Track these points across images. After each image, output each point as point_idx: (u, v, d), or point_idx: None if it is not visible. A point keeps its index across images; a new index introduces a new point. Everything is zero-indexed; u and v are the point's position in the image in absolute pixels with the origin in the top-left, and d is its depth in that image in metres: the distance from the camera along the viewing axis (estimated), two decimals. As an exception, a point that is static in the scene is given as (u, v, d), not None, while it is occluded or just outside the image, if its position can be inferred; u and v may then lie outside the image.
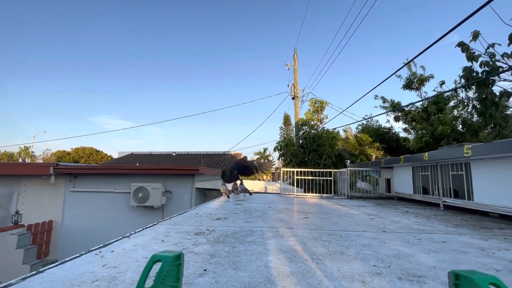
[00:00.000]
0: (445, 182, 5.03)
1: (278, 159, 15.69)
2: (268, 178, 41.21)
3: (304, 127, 13.98)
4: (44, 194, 8.07)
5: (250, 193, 7.19)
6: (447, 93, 8.35)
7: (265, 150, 44.84)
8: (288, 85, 17.90)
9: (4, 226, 6.88)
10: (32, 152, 40.12)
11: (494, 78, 5.54)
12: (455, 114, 8.95)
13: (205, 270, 1.74)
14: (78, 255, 1.92)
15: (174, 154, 20.64)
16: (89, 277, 1.55)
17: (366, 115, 10.79)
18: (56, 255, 7.70)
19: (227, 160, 18.42)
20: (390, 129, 10.47)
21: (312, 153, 11.94)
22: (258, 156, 45.22)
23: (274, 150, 13.59)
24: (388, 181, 7.25)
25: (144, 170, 8.06)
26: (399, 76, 9.94)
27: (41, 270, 1.59)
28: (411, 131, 10.28)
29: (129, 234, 2.60)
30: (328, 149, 11.72)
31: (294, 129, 20.16)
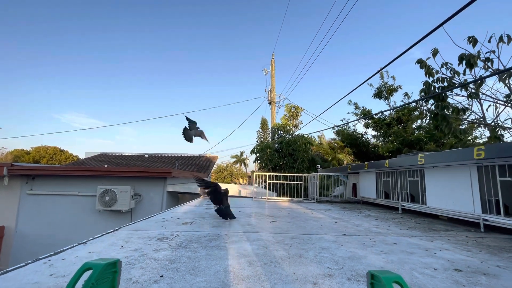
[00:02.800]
0: (403, 187, 5.41)
1: (254, 162, 15.80)
2: (244, 181, 41.21)
3: (280, 132, 14.25)
4: (-4, 197, 7.39)
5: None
6: (412, 104, 9.01)
7: (241, 153, 44.83)
8: (265, 90, 18.20)
9: None
10: (-15, 150, 36.42)
11: (448, 93, 6.10)
12: (421, 124, 9.70)
13: (161, 276, 1.72)
14: (23, 264, 1.81)
15: (146, 155, 19.91)
16: (32, 287, 1.47)
17: (343, 119, 11.27)
18: (7, 265, 7.05)
19: (202, 163, 18.16)
20: (363, 134, 11.04)
21: (287, 157, 12.18)
22: (234, 159, 45.09)
23: (251, 153, 13.67)
24: (355, 186, 7.62)
25: (112, 172, 7.70)
26: (371, 85, 10.56)
27: (-23, 281, 1.48)
28: (380, 138, 10.92)
29: (85, 240, 2.49)
30: (302, 153, 12.04)
31: (270, 133, 20.47)
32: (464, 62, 5.56)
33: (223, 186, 9.07)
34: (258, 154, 13.05)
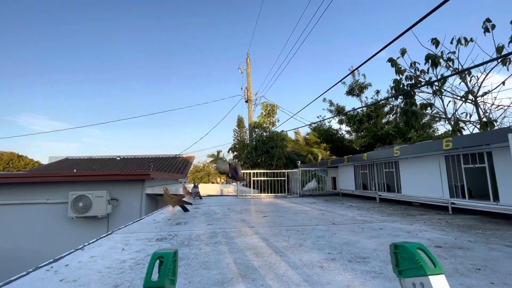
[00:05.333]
0: (380, 178, 5.85)
1: (233, 160, 15.78)
2: (222, 180, 40.99)
3: (256, 130, 14.42)
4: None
5: (201, 197, 7.17)
6: (382, 101, 9.67)
7: (218, 152, 44.50)
8: (241, 88, 18.26)
9: None
10: None
11: (415, 90, 6.68)
12: (388, 119, 10.45)
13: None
14: (25, 273, 1.72)
15: (118, 158, 18.94)
16: (46, 293, 1.43)
17: (320, 116, 11.70)
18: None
19: (179, 163, 17.74)
20: (337, 130, 11.58)
21: (264, 154, 12.40)
22: (211, 158, 44.63)
23: (228, 151, 13.70)
24: (334, 179, 8.03)
25: (86, 176, 7.28)
26: (344, 83, 11.12)
27: (-16, 292, 1.40)
28: (353, 133, 11.57)
29: (82, 246, 2.40)
30: (279, 150, 12.32)
31: (247, 131, 20.55)
32: (430, 61, 6.14)
33: (202, 185, 8.97)
34: (236, 153, 13.12)
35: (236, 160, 13.61)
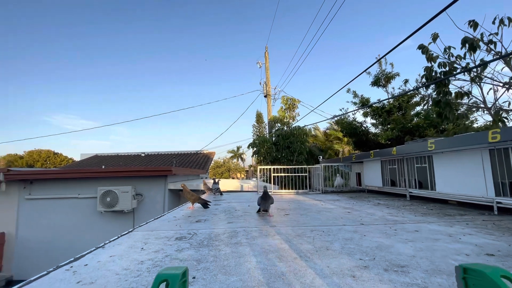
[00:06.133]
0: (410, 174, 5.42)
1: (252, 156, 15.73)
2: (242, 176, 41.22)
3: (277, 125, 14.16)
4: (-7, 203, 7.17)
5: (221, 193, 7.13)
6: (411, 91, 9.01)
7: (238, 148, 44.71)
8: (260, 83, 18.00)
9: None
10: (-24, 156, 35.43)
11: (450, 78, 6.08)
12: (417, 110, 9.73)
13: (193, 277, 1.65)
14: (45, 272, 1.71)
15: (143, 154, 19.63)
16: (62, 297, 1.38)
17: (342, 109, 11.21)
18: (10, 271, 6.89)
19: (200, 159, 18.01)
20: (362, 123, 11.00)
21: (285, 150, 12.14)
22: (231, 154, 44.96)
23: (248, 147, 13.58)
24: (359, 175, 7.63)
25: (112, 172, 7.53)
26: (369, 73, 10.49)
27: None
28: (378, 126, 10.93)
29: (103, 244, 2.39)
30: (300, 145, 12.00)
31: (267, 126, 20.35)
32: (467, 45, 5.53)
33: (222, 181, 8.96)
34: (256, 148, 12.98)
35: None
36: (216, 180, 7.57)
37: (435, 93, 6.47)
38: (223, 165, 42.20)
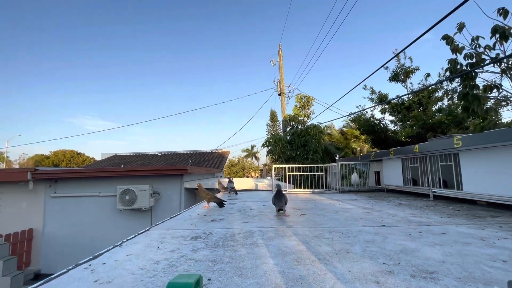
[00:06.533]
0: (434, 173, 5.13)
1: (267, 155, 15.63)
2: (256, 175, 41.27)
3: (291, 123, 13.98)
4: (23, 201, 7.58)
5: (236, 192, 7.11)
6: (433, 86, 8.56)
7: (252, 147, 44.77)
8: (274, 81, 17.84)
9: (-21, 237, 6.39)
10: (7, 157, 37.84)
11: (477, 70, 5.70)
12: (440, 106, 9.24)
13: (209, 279, 1.61)
14: (65, 270, 1.73)
15: (160, 154, 20.09)
16: (80, 296, 1.38)
17: (359, 105, 10.85)
18: (38, 265, 7.26)
19: (215, 158, 18.16)
20: (380, 120, 10.59)
21: (300, 148, 11.96)
22: (245, 153, 45.07)
23: (263, 146, 13.49)
24: (378, 174, 7.36)
25: (130, 171, 7.73)
26: (387, 68, 10.08)
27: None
28: (397, 123, 10.51)
29: (120, 242, 2.42)
30: (315, 144, 11.77)
31: (281, 125, 20.16)
32: (497, 34, 5.15)
33: (237, 180, 8.93)
34: (270, 147, 12.88)
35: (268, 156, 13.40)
36: (231, 179, 7.57)
37: (460, 87, 6.09)
38: (237, 164, 42.43)
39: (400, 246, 2.23)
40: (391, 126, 10.94)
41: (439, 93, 9.16)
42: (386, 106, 10.38)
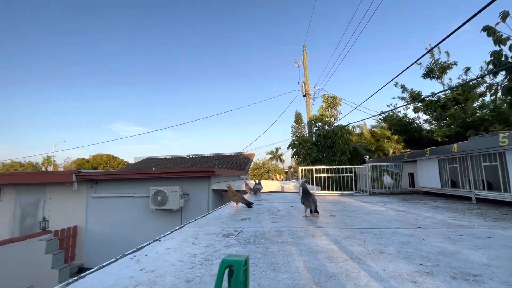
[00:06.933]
0: (476, 174, 4.76)
1: (292, 157, 15.51)
2: (282, 177, 41.05)
3: (317, 124, 13.77)
4: (68, 200, 8.33)
5: (259, 194, 7.16)
6: (474, 81, 7.94)
7: (277, 149, 44.66)
8: (298, 82, 17.72)
9: (33, 232, 7.13)
10: (54, 161, 41.77)
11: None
12: (481, 102, 8.52)
13: (243, 272, 1.68)
14: (114, 259, 1.91)
15: (188, 157, 20.84)
16: (129, 282, 1.53)
17: (390, 104, 10.34)
18: (81, 260, 7.91)
19: (240, 161, 18.42)
20: (414, 119, 10.01)
21: (326, 150, 11.72)
22: (270, 155, 45.10)
23: (288, 148, 13.43)
24: (412, 175, 6.98)
25: (161, 173, 8.15)
26: (420, 64, 9.54)
27: (82, 275, 1.58)
28: (433, 122, 9.86)
29: (158, 237, 2.59)
30: (343, 145, 11.47)
31: (306, 126, 19.89)
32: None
33: (262, 182, 9.03)
34: (295, 149, 12.77)
35: (295, 157, 13.29)
36: (259, 180, 7.67)
37: (506, 81, 5.60)
38: (262, 166, 42.57)
39: (438, 248, 2.13)
40: (426, 126, 10.30)
41: (481, 88, 8.45)
42: (419, 104, 9.81)
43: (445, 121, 9.15)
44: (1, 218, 8.43)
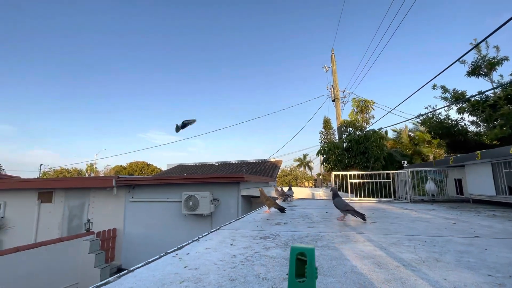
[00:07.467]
0: (541, 179, 4.19)
1: (321, 164, 15.08)
2: (310, 184, 40.07)
3: (348, 129, 13.28)
4: (109, 204, 8.89)
5: (290, 200, 7.02)
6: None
7: (305, 156, 43.86)
8: (327, 87, 17.37)
9: (79, 233, 7.71)
10: (96, 168, 45.31)
11: None
12: None
13: (287, 274, 1.61)
14: (158, 256, 1.97)
15: (217, 164, 21.29)
16: (175, 277, 1.55)
17: (429, 106, 9.63)
18: (119, 260, 8.34)
19: (268, 167, 18.34)
20: (458, 121, 9.18)
21: (358, 156, 11.21)
22: (298, 162, 44.38)
23: (317, 154, 13.10)
24: (459, 182, 6.35)
25: (193, 179, 8.38)
26: (463, 62, 8.79)
27: (131, 269, 1.64)
28: (481, 123, 8.96)
29: (197, 238, 2.63)
30: (376, 151, 10.89)
31: (335, 132, 19.30)
32: None
33: (294, 189, 8.86)
34: (325, 155, 12.40)
35: (324, 164, 12.91)
36: (291, 185, 7.55)
37: None
38: (290, 173, 42.00)
39: (507, 259, 1.87)
40: (472, 128, 9.39)
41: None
42: (464, 105, 9.00)
43: (496, 122, 8.27)
44: (53, 218, 9.25)
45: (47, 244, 6.35)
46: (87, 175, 42.77)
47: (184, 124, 10.99)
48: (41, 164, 32.05)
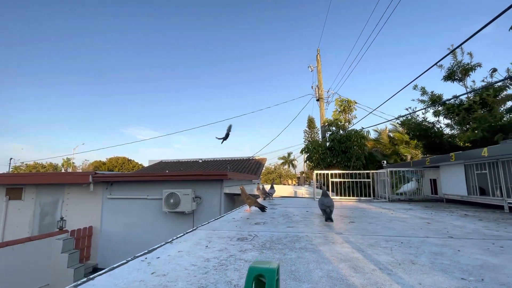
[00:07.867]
0: (509, 181, 4.40)
1: (305, 162, 15.21)
2: (294, 182, 40.50)
3: (331, 128, 13.46)
4: (85, 201, 8.48)
5: (272, 199, 7.02)
6: (499, 83, 7.48)
7: (289, 154, 44.24)
8: (312, 87, 17.50)
9: (51, 231, 7.28)
10: (73, 163, 43.28)
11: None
12: (509, 105, 8.01)
13: (261, 280, 1.54)
14: (125, 261, 1.83)
15: (200, 160, 20.95)
16: (139, 285, 1.42)
17: (409, 108, 9.91)
18: (96, 259, 7.99)
19: (252, 165, 18.29)
20: (434, 124, 9.53)
21: (340, 155, 11.41)
22: (282, 160, 44.69)
23: (301, 153, 13.21)
24: (434, 182, 6.59)
25: (174, 176, 8.15)
26: (440, 66, 9.11)
27: (91, 277, 1.50)
28: (455, 126, 9.35)
29: (171, 239, 2.50)
30: (357, 150, 11.13)
31: (319, 131, 19.57)
32: None
33: (276, 187, 8.86)
34: (308, 154, 12.52)
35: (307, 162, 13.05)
36: (273, 184, 7.50)
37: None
38: (274, 171, 42.22)
39: (479, 261, 1.90)
40: (447, 130, 9.79)
41: (509, 91, 7.95)
42: (440, 108, 9.35)
43: (468, 125, 8.65)
44: (22, 216, 8.69)
45: (14, 243, 5.94)
46: (63, 170, 40.79)
47: (227, 135, 11.38)
48: (11, 158, 30.07)
